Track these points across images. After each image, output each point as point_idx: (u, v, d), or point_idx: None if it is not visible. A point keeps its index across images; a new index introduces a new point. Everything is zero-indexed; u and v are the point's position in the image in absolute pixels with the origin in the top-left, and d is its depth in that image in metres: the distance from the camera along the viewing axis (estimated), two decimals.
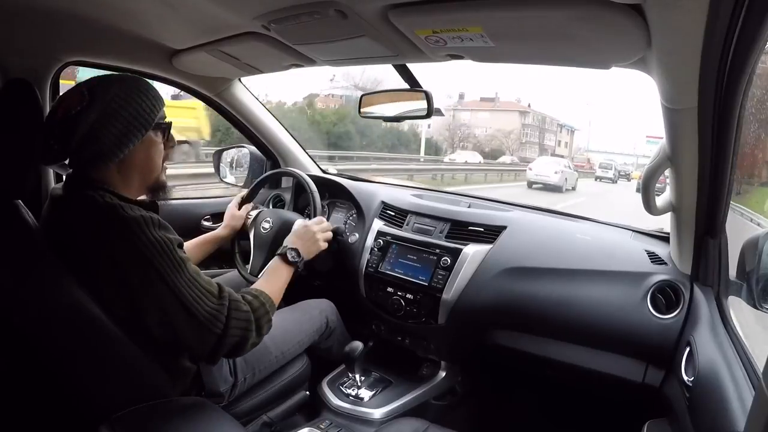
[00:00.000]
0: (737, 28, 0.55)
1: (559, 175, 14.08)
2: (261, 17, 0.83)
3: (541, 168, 14.66)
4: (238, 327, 0.81)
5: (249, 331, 0.83)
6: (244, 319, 0.82)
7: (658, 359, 1.01)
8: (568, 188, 14.48)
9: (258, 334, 0.86)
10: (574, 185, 15.28)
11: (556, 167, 14.54)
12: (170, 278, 0.75)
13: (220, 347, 0.80)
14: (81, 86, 0.78)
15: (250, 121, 1.58)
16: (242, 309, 0.83)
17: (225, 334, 0.79)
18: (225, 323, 0.79)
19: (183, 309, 0.76)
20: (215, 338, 0.79)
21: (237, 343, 0.82)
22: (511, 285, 1.18)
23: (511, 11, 0.64)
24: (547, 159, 17.68)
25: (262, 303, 0.88)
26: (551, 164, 15.01)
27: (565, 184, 14.30)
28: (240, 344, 0.83)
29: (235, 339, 0.81)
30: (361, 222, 1.48)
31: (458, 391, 1.40)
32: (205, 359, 0.83)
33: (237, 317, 0.81)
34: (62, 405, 0.79)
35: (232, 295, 0.83)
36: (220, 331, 0.79)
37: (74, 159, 0.81)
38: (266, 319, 0.88)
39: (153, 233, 0.75)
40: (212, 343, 0.79)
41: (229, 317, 0.80)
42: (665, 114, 0.76)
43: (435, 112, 1.17)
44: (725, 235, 0.90)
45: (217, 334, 0.79)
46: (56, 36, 1.04)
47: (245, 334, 0.82)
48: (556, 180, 13.95)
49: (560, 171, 14.31)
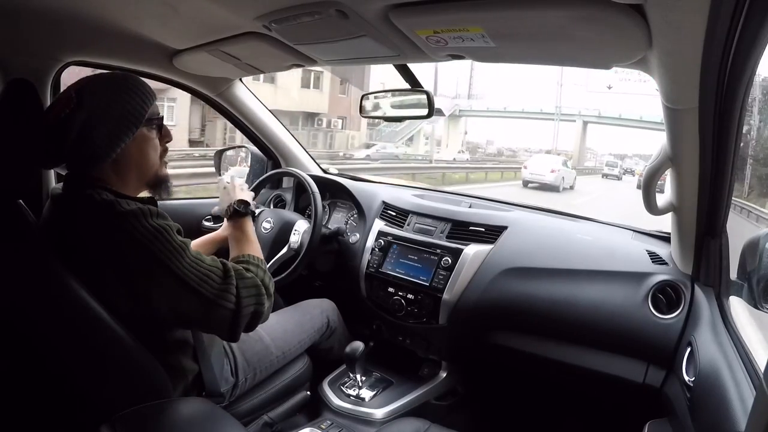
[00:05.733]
0: (738, 28, 0.55)
1: (555, 174, 13.58)
2: (262, 17, 0.83)
3: (537, 166, 14.17)
4: (250, 296, 0.82)
5: (261, 296, 0.83)
6: (253, 286, 0.83)
7: (659, 359, 1.01)
8: (566, 187, 14.02)
9: (269, 295, 0.86)
10: (572, 184, 14.74)
11: (552, 165, 14.04)
12: (172, 263, 0.75)
13: (238, 321, 0.80)
14: (70, 89, 0.78)
15: (251, 121, 1.58)
16: (247, 276, 0.83)
17: (239, 307, 0.80)
18: (236, 296, 0.80)
19: (190, 291, 0.76)
20: (230, 313, 0.79)
21: (254, 312, 0.82)
22: (512, 285, 1.18)
23: (512, 11, 0.64)
24: (543, 157, 17.16)
25: (257, 265, 0.89)
26: (547, 162, 14.51)
27: (563, 183, 13.82)
28: (257, 312, 0.83)
29: (249, 309, 0.81)
30: (362, 222, 1.48)
31: (459, 391, 1.40)
32: (227, 337, 0.83)
33: (246, 286, 0.82)
34: (63, 405, 0.79)
35: (236, 268, 0.84)
36: (234, 306, 0.79)
37: (70, 161, 0.81)
38: (267, 278, 0.89)
39: (150, 222, 0.75)
40: (229, 319, 0.79)
41: (239, 289, 0.80)
42: (666, 114, 0.76)
43: (435, 112, 1.17)
44: (726, 235, 0.90)
45: (231, 309, 0.79)
46: (57, 36, 1.04)
47: (259, 301, 0.83)
48: (552, 179, 13.45)
49: (557, 170, 13.80)
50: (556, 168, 13.86)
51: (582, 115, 27.23)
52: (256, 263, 0.89)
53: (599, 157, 32.13)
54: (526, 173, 14.09)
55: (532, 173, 13.87)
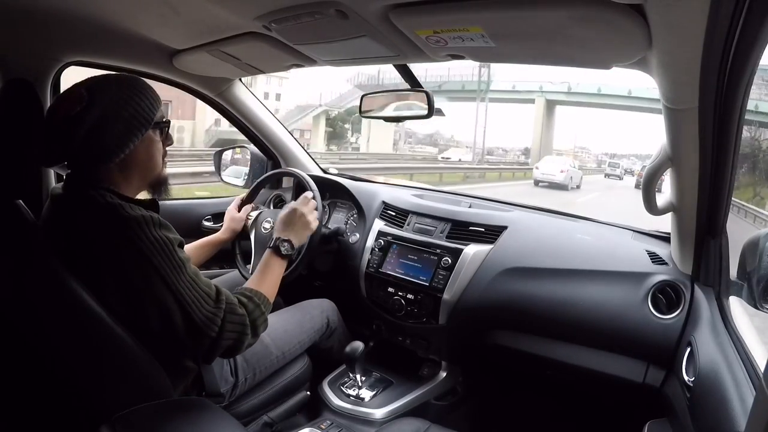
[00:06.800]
0: (738, 28, 0.55)
1: (564, 174, 14.71)
2: (261, 17, 0.83)
3: (548, 167, 15.32)
4: (233, 330, 0.82)
5: (244, 335, 0.83)
6: (239, 323, 0.83)
7: (658, 359, 1.01)
8: (573, 187, 14.97)
9: (254, 334, 0.86)
10: (579, 184, 15.80)
11: (561, 166, 15.08)
12: (170, 279, 0.75)
13: (215, 349, 0.81)
14: (79, 87, 0.78)
15: (251, 121, 1.58)
16: (237, 312, 0.83)
17: (220, 337, 0.80)
18: (220, 327, 0.80)
19: (181, 310, 0.76)
20: (210, 340, 0.79)
21: (232, 345, 0.83)
22: (512, 285, 1.18)
23: (512, 11, 0.64)
24: (553, 158, 18.15)
25: (257, 304, 0.88)
26: (557, 163, 15.62)
27: (570, 182, 14.82)
28: (235, 346, 0.83)
29: (229, 342, 0.82)
30: (362, 222, 1.48)
31: (459, 391, 1.40)
32: (201, 359, 0.84)
33: (232, 320, 0.81)
34: (63, 405, 0.79)
35: (229, 298, 0.83)
36: (215, 334, 0.79)
37: (74, 160, 0.81)
38: (262, 319, 0.88)
39: (154, 233, 0.76)
40: (207, 345, 0.80)
41: (224, 321, 0.80)
42: (666, 114, 0.76)
43: (436, 111, 1.17)
44: (726, 235, 0.90)
45: (211, 337, 0.79)
46: (57, 36, 1.04)
47: (240, 337, 0.83)
48: (562, 179, 14.57)
49: (566, 170, 14.98)
50: (565, 169, 15.10)
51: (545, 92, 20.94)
52: (257, 302, 0.88)
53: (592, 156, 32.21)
54: (537, 173, 15.23)
55: (543, 173, 14.97)
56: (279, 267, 1.00)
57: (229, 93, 1.48)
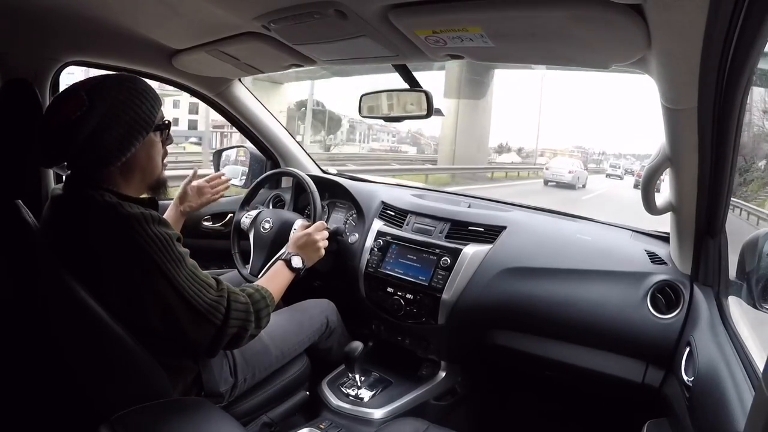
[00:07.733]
0: (737, 28, 0.55)
1: (572, 175, 15.64)
2: (261, 17, 0.83)
3: (557, 168, 16.38)
4: (238, 318, 0.83)
5: (248, 322, 0.84)
6: (242, 310, 0.84)
7: (658, 359, 1.01)
8: (580, 186, 15.86)
9: (257, 325, 0.87)
10: (585, 183, 16.77)
11: (570, 167, 16.17)
12: (170, 273, 0.76)
13: (220, 338, 0.81)
14: (78, 89, 0.76)
15: (250, 121, 1.58)
16: (241, 300, 0.84)
17: (225, 325, 0.81)
18: (224, 314, 0.81)
19: (183, 302, 0.77)
20: (214, 329, 0.80)
21: (236, 335, 0.83)
22: (511, 285, 1.18)
23: (511, 11, 0.64)
24: (563, 159, 19.28)
25: (263, 296, 0.89)
26: (566, 164, 16.73)
27: (578, 182, 15.83)
28: (239, 335, 0.84)
29: (233, 330, 0.82)
30: (361, 222, 1.48)
31: (458, 391, 1.40)
32: (205, 351, 0.84)
33: (236, 308, 0.83)
34: (63, 405, 0.79)
35: (230, 288, 0.85)
36: (220, 322, 0.80)
37: (75, 162, 0.80)
38: (266, 312, 0.89)
39: (152, 229, 0.76)
40: (212, 334, 0.80)
41: (228, 308, 0.81)
42: (665, 114, 0.76)
43: (435, 112, 1.17)
44: (725, 234, 0.90)
45: (216, 325, 0.80)
46: (56, 36, 1.04)
47: (244, 325, 0.84)
48: (570, 179, 15.46)
49: (574, 171, 15.90)
50: (573, 170, 16.00)
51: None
52: (262, 294, 0.90)
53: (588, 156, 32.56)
54: (548, 174, 16.15)
55: (553, 174, 15.94)
56: (287, 278, 1.03)
57: (229, 93, 1.48)
